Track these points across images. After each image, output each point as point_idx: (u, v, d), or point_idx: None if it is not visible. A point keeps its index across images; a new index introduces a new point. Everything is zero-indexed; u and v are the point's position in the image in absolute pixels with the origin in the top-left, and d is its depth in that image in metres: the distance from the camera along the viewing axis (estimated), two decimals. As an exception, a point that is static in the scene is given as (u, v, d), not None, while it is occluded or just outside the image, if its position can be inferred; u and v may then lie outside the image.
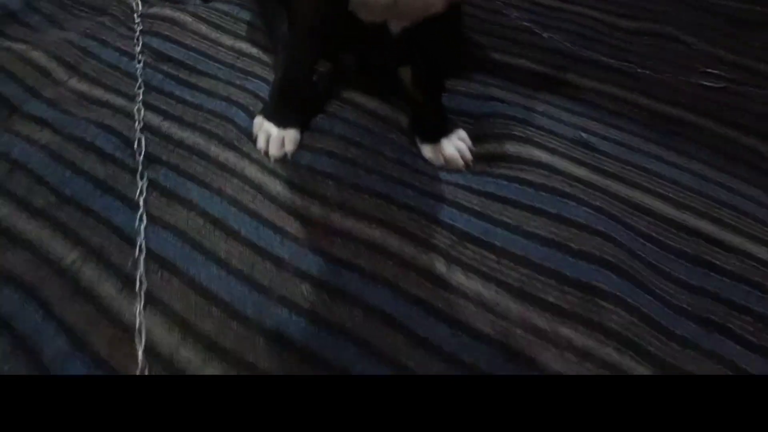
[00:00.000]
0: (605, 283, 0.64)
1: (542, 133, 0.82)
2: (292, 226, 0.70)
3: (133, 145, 0.77)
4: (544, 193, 0.73)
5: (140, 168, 0.74)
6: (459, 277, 0.65)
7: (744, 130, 0.88)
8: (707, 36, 1.09)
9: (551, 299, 0.63)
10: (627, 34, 1.09)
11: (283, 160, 0.78)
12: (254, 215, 0.70)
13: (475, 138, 0.82)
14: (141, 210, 0.69)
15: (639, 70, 0.98)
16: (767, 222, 0.74)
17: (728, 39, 1.09)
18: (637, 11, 1.15)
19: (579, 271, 0.65)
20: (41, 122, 0.81)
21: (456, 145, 0.81)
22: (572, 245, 0.67)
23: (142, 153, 0.76)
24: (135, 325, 0.59)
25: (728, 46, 1.06)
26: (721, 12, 1.18)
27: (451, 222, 0.71)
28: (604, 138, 0.84)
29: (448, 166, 0.79)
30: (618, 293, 0.63)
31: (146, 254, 0.65)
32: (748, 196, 0.77)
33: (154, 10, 1.02)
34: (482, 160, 0.80)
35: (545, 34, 1.02)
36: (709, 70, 0.99)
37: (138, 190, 0.71)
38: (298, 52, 0.81)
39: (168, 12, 1.01)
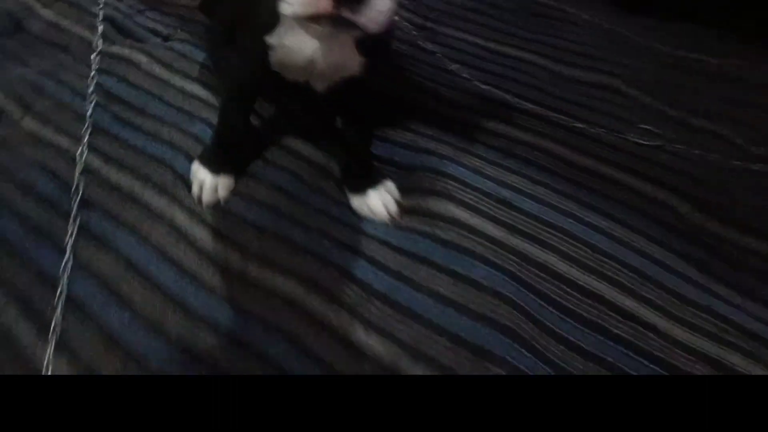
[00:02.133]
0: (497, 347, 0.67)
1: (466, 190, 0.85)
2: (210, 275, 0.73)
3: (71, 189, 0.81)
4: (455, 252, 0.76)
5: (73, 212, 0.78)
6: (360, 336, 0.68)
7: (669, 190, 0.90)
8: (651, 88, 1.12)
9: (445, 360, 0.66)
10: (570, 83, 1.12)
11: (215, 207, 0.82)
12: (174, 263, 0.74)
13: (402, 190, 0.86)
14: (67, 255, 0.72)
15: (577, 125, 1.01)
16: (672, 290, 0.76)
17: (673, 91, 1.12)
18: (585, 60, 1.18)
19: (474, 333, 0.68)
20: (-12, 163, 0.85)
21: (383, 198, 0.84)
22: (472, 307, 0.70)
23: (78, 197, 0.80)
24: (42, 370, 0.62)
25: (671, 99, 1.09)
26: (670, 63, 1.21)
27: (362, 278, 0.74)
28: (528, 196, 0.86)
29: (374, 218, 0.82)
30: (508, 357, 0.66)
31: (67, 300, 0.69)
32: (660, 263, 0.80)
33: (114, 48, 1.07)
34: (406, 213, 0.83)
35: (484, 86, 1.05)
36: (646, 127, 1.02)
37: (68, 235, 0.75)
38: (231, 103, 0.85)
39: (126, 51, 1.05)
